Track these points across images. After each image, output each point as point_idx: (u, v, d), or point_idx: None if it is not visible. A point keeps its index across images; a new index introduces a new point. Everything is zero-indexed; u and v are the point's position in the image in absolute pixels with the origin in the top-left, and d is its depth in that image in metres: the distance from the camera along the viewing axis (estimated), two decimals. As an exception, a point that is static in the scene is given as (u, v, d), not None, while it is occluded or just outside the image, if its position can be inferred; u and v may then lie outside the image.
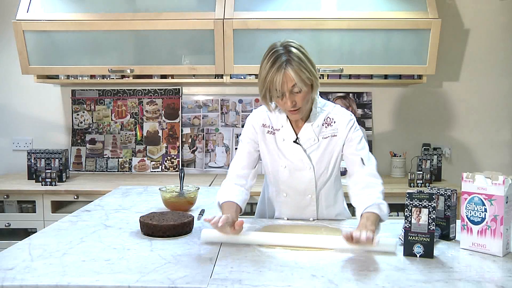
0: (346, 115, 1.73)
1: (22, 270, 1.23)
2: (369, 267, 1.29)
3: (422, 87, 3.24)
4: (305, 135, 1.71)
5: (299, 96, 1.58)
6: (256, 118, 1.77)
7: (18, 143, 3.34)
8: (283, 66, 1.54)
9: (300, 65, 1.55)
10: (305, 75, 1.56)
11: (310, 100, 1.66)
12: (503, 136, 3.27)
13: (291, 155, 1.72)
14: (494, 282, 1.20)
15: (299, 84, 1.55)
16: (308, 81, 1.58)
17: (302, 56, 1.57)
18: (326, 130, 1.71)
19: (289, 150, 1.72)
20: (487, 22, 3.20)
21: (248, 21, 2.77)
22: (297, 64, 1.55)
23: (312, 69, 1.59)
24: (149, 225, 1.53)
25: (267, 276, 1.22)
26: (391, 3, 2.84)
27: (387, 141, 3.29)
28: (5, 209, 2.84)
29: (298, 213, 1.79)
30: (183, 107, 3.32)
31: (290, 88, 1.56)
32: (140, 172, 3.28)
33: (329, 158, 1.72)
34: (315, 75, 1.60)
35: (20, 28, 2.83)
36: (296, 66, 1.54)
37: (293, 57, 1.55)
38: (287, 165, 1.73)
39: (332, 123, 1.71)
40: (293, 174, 1.73)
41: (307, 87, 1.58)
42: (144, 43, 2.89)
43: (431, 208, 1.34)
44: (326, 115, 1.72)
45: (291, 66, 1.54)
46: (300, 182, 1.74)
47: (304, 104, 1.61)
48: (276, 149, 1.74)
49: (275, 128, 1.74)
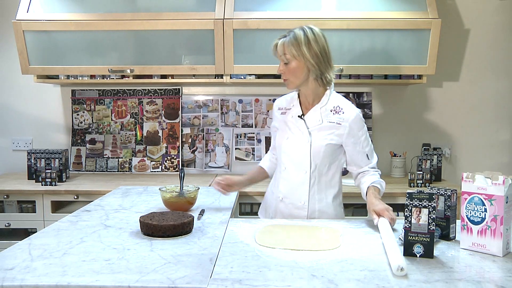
0: (355, 109, 1.90)
1: (22, 270, 1.23)
2: (369, 267, 1.29)
3: (422, 87, 3.24)
4: (312, 114, 1.90)
5: (288, 68, 1.84)
6: (275, 105, 2.05)
7: (18, 143, 3.34)
8: (279, 38, 1.86)
9: (291, 42, 1.81)
10: (290, 51, 1.81)
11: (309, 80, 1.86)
12: (503, 136, 3.27)
13: (295, 128, 1.92)
14: (494, 282, 1.20)
15: (284, 57, 1.83)
16: (293, 57, 1.81)
17: (300, 37, 1.81)
18: (333, 116, 1.88)
19: (294, 123, 1.92)
20: (487, 22, 3.20)
21: (248, 21, 2.77)
22: (289, 40, 1.82)
23: (305, 51, 1.80)
24: (149, 225, 1.53)
25: (267, 276, 1.22)
26: (391, 3, 2.84)
27: (387, 141, 3.29)
28: (5, 209, 2.84)
29: (292, 192, 1.92)
30: (183, 107, 3.32)
31: (279, 56, 1.86)
32: (140, 172, 3.28)
33: (327, 141, 1.87)
34: (308, 58, 1.80)
35: (20, 28, 2.83)
36: (287, 41, 1.82)
37: (290, 34, 1.83)
38: (290, 136, 1.93)
39: (340, 112, 1.88)
40: (293, 146, 1.91)
41: (295, 63, 1.82)
42: (144, 43, 2.89)
43: (431, 208, 1.34)
44: (336, 104, 1.90)
45: (283, 39, 1.84)
46: (298, 155, 1.90)
47: (291, 76, 1.85)
48: (284, 124, 1.96)
49: (287, 108, 1.97)
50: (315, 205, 1.90)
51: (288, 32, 1.85)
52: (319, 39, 1.83)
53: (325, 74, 1.85)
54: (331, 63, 1.87)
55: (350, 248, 1.44)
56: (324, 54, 1.84)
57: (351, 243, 1.49)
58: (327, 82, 1.88)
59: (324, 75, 1.85)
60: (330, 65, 1.87)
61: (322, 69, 1.84)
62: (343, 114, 1.86)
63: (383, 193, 1.88)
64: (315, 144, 1.86)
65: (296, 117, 1.91)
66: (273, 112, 2.05)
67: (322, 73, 1.84)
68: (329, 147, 1.86)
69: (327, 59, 1.85)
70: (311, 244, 1.48)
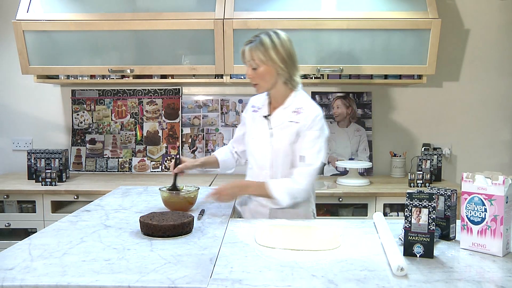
0: (314, 110, 1.89)
1: (22, 270, 1.23)
2: (369, 267, 1.29)
3: (422, 87, 3.24)
4: (276, 115, 1.93)
5: (256, 73, 1.86)
6: (250, 101, 2.09)
7: (18, 143, 3.35)
8: (245, 44, 1.89)
9: (258, 48, 1.83)
10: (258, 56, 1.83)
11: (278, 84, 1.89)
12: (503, 136, 3.27)
13: (259, 127, 1.96)
14: (494, 282, 1.20)
15: (252, 62, 1.85)
16: (261, 62, 1.83)
17: (267, 42, 1.83)
18: (294, 116, 1.89)
19: (259, 123, 1.97)
20: (487, 22, 3.20)
21: (248, 21, 2.77)
22: (256, 45, 1.84)
23: (272, 56, 1.83)
24: (149, 225, 1.53)
25: (267, 276, 1.22)
26: (391, 3, 2.84)
27: (387, 141, 3.29)
28: (5, 209, 2.84)
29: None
30: (183, 107, 3.32)
31: (247, 62, 1.88)
32: (140, 172, 3.28)
33: (287, 141, 1.88)
34: (276, 62, 1.84)
35: (20, 28, 2.83)
36: (254, 46, 1.84)
37: (256, 40, 1.85)
38: (254, 136, 1.97)
39: (300, 112, 1.89)
40: (256, 146, 1.96)
41: (264, 68, 1.84)
42: (144, 43, 2.89)
43: (431, 208, 1.34)
44: (300, 105, 1.90)
45: (249, 45, 1.86)
46: (260, 154, 1.95)
47: (261, 81, 1.88)
48: (252, 122, 2.00)
49: (259, 107, 2.01)
50: (277, 209, 1.92)
51: (254, 38, 1.87)
52: (285, 43, 1.86)
53: (293, 77, 1.90)
54: (297, 66, 1.92)
55: (350, 248, 1.44)
56: (291, 57, 1.88)
57: (351, 243, 1.49)
58: (294, 84, 1.92)
59: (292, 78, 1.89)
60: (297, 68, 1.92)
61: (290, 72, 1.88)
62: (303, 114, 1.88)
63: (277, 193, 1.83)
64: (276, 144, 1.89)
65: (262, 117, 1.96)
66: (247, 107, 2.08)
67: (291, 76, 1.89)
68: (289, 148, 1.88)
69: (294, 62, 1.89)
70: (311, 244, 1.48)
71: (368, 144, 3.24)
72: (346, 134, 3.25)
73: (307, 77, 2.99)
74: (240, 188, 1.91)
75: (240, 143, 2.12)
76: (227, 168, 2.16)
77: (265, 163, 1.93)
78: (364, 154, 3.23)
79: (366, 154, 3.23)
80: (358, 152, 3.23)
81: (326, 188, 2.80)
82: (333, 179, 3.01)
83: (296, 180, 1.84)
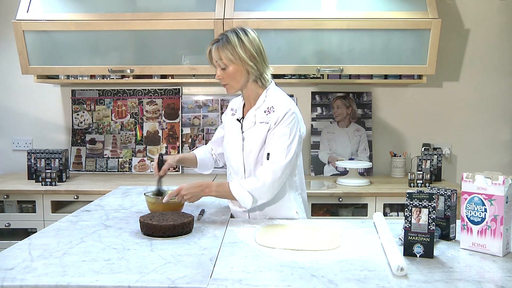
0: (285, 107, 1.79)
1: (22, 270, 1.23)
2: (369, 267, 1.29)
3: (422, 87, 3.24)
4: (248, 117, 1.86)
5: (226, 73, 1.80)
6: (230, 103, 2.02)
7: (18, 143, 3.34)
8: (211, 44, 1.82)
9: (225, 46, 1.77)
10: (226, 55, 1.76)
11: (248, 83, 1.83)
12: (503, 136, 3.27)
13: (233, 131, 1.90)
14: (494, 282, 1.20)
15: (220, 62, 1.79)
16: (230, 61, 1.77)
17: (234, 40, 1.76)
18: (265, 117, 1.81)
19: (233, 127, 1.91)
20: (487, 22, 3.20)
21: (248, 21, 2.76)
22: (223, 44, 1.77)
23: (241, 54, 1.76)
24: (149, 225, 1.53)
25: (267, 276, 1.22)
26: (391, 3, 2.84)
27: (387, 141, 3.29)
28: (5, 209, 2.84)
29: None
30: (183, 107, 3.32)
31: (215, 62, 1.82)
32: (140, 172, 3.28)
33: (257, 144, 1.81)
34: (246, 61, 1.77)
35: (20, 28, 2.83)
36: (220, 45, 1.78)
37: (223, 38, 1.79)
38: (229, 141, 1.91)
39: (272, 111, 1.80)
40: (231, 150, 1.90)
41: (233, 67, 1.78)
42: (144, 43, 2.89)
43: (431, 208, 1.34)
44: (271, 104, 1.82)
45: (216, 44, 1.79)
46: (234, 160, 1.89)
47: (231, 81, 1.81)
48: (229, 126, 1.94)
49: (236, 110, 1.95)
50: (255, 208, 1.84)
51: (221, 36, 1.81)
52: (253, 40, 1.79)
53: (263, 75, 1.83)
54: (267, 63, 1.85)
55: (350, 248, 1.44)
56: (260, 54, 1.80)
57: (351, 243, 1.49)
58: (265, 82, 1.85)
59: (262, 76, 1.83)
60: (267, 65, 1.85)
61: (260, 70, 1.81)
62: (274, 112, 1.79)
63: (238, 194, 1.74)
64: (247, 148, 1.83)
65: (235, 120, 1.90)
66: (226, 110, 2.02)
67: (261, 74, 1.82)
68: (261, 150, 1.80)
69: (264, 59, 1.82)
70: (311, 244, 1.48)
71: (368, 144, 3.24)
72: (346, 134, 3.25)
73: (307, 77, 2.99)
74: (201, 188, 1.76)
75: (219, 145, 2.07)
76: (205, 168, 2.09)
77: (239, 167, 1.86)
78: (364, 154, 3.23)
79: (366, 154, 3.23)
80: (358, 152, 3.23)
81: (326, 188, 2.80)
82: (333, 179, 3.01)
83: (258, 179, 1.73)
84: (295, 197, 1.89)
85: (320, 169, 3.22)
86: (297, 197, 1.90)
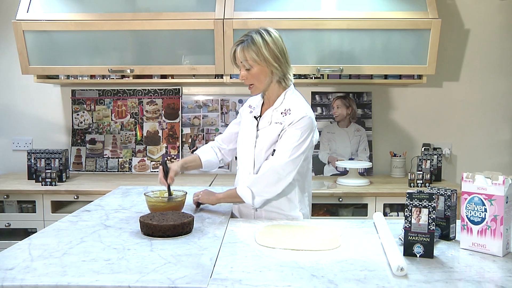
0: (301, 112, 1.81)
1: (22, 270, 1.23)
2: (369, 267, 1.29)
3: (422, 87, 3.24)
4: (265, 116, 1.89)
5: (250, 73, 1.82)
6: (248, 101, 2.05)
7: (18, 143, 3.34)
8: (236, 44, 1.83)
9: (250, 47, 1.78)
10: (251, 56, 1.78)
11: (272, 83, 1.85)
12: (503, 136, 3.27)
13: (249, 128, 1.92)
14: (494, 282, 1.20)
15: (245, 63, 1.81)
16: (255, 62, 1.79)
17: (259, 41, 1.78)
18: (281, 118, 1.84)
19: (249, 123, 1.93)
20: (487, 22, 3.20)
21: (248, 21, 2.77)
22: (248, 44, 1.79)
23: (266, 55, 1.78)
24: (149, 225, 1.53)
25: (267, 276, 1.22)
26: (391, 3, 2.84)
27: (387, 141, 3.29)
28: (5, 209, 2.84)
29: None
30: (183, 107, 3.32)
31: (240, 63, 1.83)
32: (140, 172, 3.28)
33: (268, 142, 1.84)
34: (270, 62, 1.79)
35: (20, 28, 2.83)
36: (246, 46, 1.79)
37: (248, 39, 1.80)
38: (243, 137, 1.94)
39: (288, 113, 1.83)
40: (243, 146, 1.93)
41: (257, 68, 1.80)
42: (144, 43, 2.89)
43: (431, 208, 1.34)
44: (288, 106, 1.84)
45: (241, 45, 1.81)
46: (245, 156, 1.91)
47: (255, 81, 1.84)
48: (245, 123, 1.97)
49: (254, 107, 1.97)
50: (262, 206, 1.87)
51: (245, 37, 1.82)
52: (277, 41, 1.82)
53: (287, 75, 1.86)
54: (290, 63, 1.87)
55: (350, 248, 1.44)
56: (283, 55, 1.83)
57: (351, 243, 1.49)
58: (288, 83, 1.87)
59: (286, 76, 1.85)
60: (289, 65, 1.87)
61: (284, 70, 1.84)
62: (290, 115, 1.81)
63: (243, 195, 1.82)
64: (259, 146, 1.85)
65: (253, 118, 1.92)
66: (244, 107, 2.04)
67: (284, 74, 1.85)
68: (271, 150, 1.83)
69: (287, 59, 1.85)
70: (311, 244, 1.48)
71: (368, 144, 3.24)
72: (346, 134, 3.25)
73: (307, 77, 2.99)
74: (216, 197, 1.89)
75: (231, 141, 2.07)
76: (210, 168, 2.11)
77: (249, 163, 1.88)
78: (364, 154, 3.23)
79: (366, 154, 3.23)
80: (358, 152, 3.23)
81: (326, 188, 2.80)
82: (333, 179, 3.01)
83: (258, 174, 1.80)
84: (302, 199, 1.92)
85: (320, 169, 3.22)
86: (304, 199, 1.93)
